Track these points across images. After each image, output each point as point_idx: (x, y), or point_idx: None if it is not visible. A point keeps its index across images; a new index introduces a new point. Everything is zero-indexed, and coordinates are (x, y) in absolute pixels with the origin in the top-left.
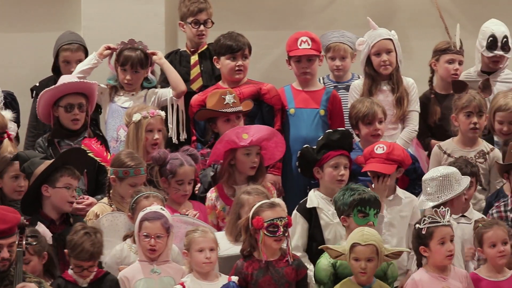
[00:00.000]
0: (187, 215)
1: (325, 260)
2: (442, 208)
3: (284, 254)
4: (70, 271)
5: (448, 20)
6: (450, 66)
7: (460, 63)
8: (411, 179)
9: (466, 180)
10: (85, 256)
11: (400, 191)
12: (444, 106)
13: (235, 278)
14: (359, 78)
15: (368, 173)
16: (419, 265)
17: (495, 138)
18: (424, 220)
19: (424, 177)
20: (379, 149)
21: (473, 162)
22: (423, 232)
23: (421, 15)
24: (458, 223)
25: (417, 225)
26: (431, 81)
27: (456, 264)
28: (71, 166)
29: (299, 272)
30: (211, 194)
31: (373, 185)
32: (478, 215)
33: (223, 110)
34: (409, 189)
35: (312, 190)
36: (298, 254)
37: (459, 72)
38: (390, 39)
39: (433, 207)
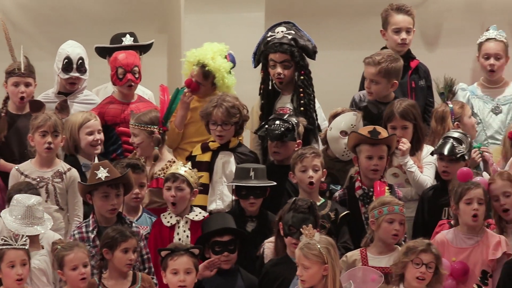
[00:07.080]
0: None
1: None
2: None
3: None
4: None
5: (27, 41)
6: (15, 89)
7: (28, 85)
8: None
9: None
10: None
11: None
12: (15, 126)
13: None
14: None
15: None
16: None
17: None
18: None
19: None
20: None
21: (50, 182)
22: None
23: None
24: None
25: None
26: (5, 100)
27: None
28: None
29: None
30: None
31: None
32: None
33: None
34: None
35: None
36: None
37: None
38: None
39: None
